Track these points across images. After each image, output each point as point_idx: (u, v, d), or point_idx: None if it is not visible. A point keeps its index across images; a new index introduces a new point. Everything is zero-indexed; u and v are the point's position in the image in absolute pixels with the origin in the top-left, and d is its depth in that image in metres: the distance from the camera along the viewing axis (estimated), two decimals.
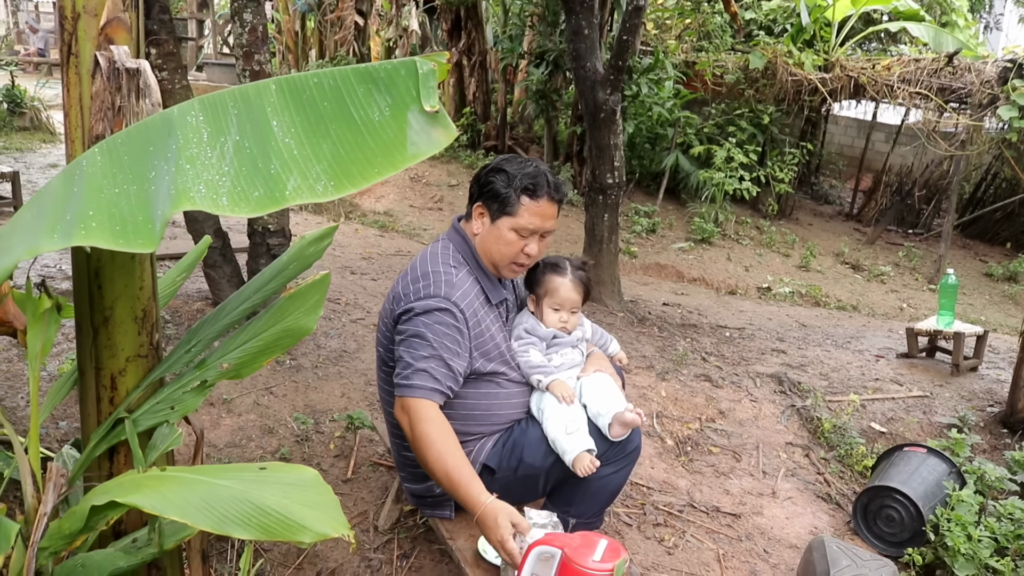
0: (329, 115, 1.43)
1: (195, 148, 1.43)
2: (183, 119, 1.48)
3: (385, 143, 1.39)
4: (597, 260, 6.37)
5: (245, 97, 1.48)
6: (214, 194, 1.37)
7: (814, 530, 3.61)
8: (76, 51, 1.76)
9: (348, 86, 1.45)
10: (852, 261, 10.87)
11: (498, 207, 2.47)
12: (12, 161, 9.22)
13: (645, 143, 11.83)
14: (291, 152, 1.39)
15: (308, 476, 1.58)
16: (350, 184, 1.37)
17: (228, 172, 1.39)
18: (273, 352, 2.00)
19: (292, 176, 1.37)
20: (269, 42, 5.90)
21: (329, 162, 1.38)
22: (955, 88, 10.14)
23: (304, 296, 2.07)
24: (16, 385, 3.68)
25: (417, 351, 2.37)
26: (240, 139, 1.43)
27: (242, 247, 4.94)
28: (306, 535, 1.43)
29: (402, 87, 1.42)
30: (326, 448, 3.58)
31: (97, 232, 1.35)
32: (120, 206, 1.39)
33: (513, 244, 2.49)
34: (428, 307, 2.40)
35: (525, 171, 2.46)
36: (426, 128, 1.39)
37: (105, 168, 1.46)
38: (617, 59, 5.85)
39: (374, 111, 1.42)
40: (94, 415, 1.96)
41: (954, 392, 5.00)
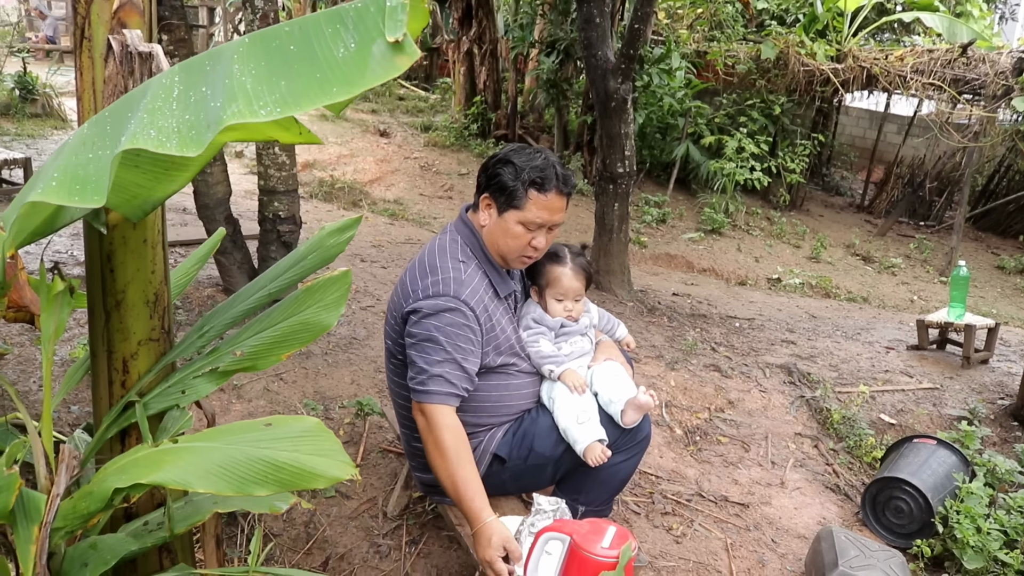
0: (294, 57, 1.40)
1: (161, 102, 1.40)
2: (160, 81, 1.47)
3: (344, 73, 1.36)
4: (607, 249, 6.36)
5: (219, 52, 1.46)
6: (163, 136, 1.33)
7: (822, 520, 3.61)
8: (89, 35, 1.76)
9: (316, 28, 1.42)
10: (863, 253, 10.83)
11: (505, 200, 2.43)
12: (24, 147, 9.27)
13: (656, 133, 11.80)
14: (244, 88, 1.35)
15: (311, 424, 1.63)
16: (296, 105, 1.33)
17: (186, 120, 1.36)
18: (291, 345, 1.99)
19: (235, 103, 1.33)
20: None
21: (282, 94, 1.35)
22: (969, 79, 10.08)
23: (323, 290, 2.05)
24: (29, 370, 3.71)
25: (431, 355, 2.36)
26: (205, 89, 1.41)
27: (252, 234, 4.95)
28: (319, 482, 1.50)
29: (370, 23, 1.39)
30: (336, 434, 3.58)
31: (54, 191, 1.35)
32: (88, 169, 1.38)
33: (520, 237, 2.45)
34: (438, 307, 2.38)
35: (533, 163, 2.41)
36: (387, 54, 1.35)
37: (86, 138, 1.45)
38: (628, 48, 5.82)
39: (339, 48, 1.38)
40: (106, 398, 1.97)
41: (964, 384, 4.98)
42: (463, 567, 2.88)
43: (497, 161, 2.47)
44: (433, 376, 2.35)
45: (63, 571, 1.71)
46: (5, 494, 1.41)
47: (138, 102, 1.45)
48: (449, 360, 2.36)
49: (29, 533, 1.48)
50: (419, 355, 2.38)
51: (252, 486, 1.49)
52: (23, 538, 1.47)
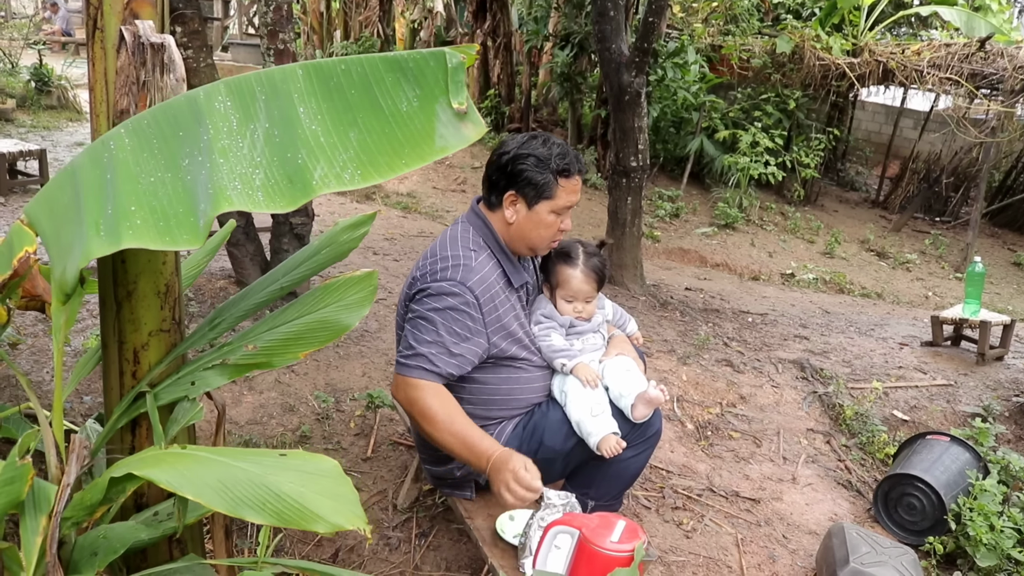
0: (356, 103, 1.41)
1: (226, 139, 1.42)
2: (211, 104, 1.47)
3: (412, 134, 1.37)
4: (620, 243, 6.34)
5: (272, 82, 1.47)
6: (249, 190, 1.37)
7: (834, 517, 3.60)
8: (102, 25, 1.77)
9: (376, 74, 1.44)
10: (877, 248, 10.77)
11: (536, 193, 2.44)
12: (39, 139, 9.32)
13: (670, 127, 11.76)
14: (318, 140, 1.38)
15: (328, 466, 1.57)
16: (376, 174, 1.36)
17: (260, 163, 1.39)
18: (310, 344, 1.98)
19: (319, 165, 1.36)
20: (294, 22, 5.90)
21: (356, 151, 1.37)
22: (987, 74, 9.99)
23: (343, 289, 2.04)
24: (41, 360, 3.73)
25: (421, 334, 2.37)
26: (269, 127, 1.42)
27: (265, 227, 4.96)
28: (320, 525, 1.42)
29: (431, 78, 1.40)
30: (346, 427, 3.60)
31: (143, 230, 1.36)
32: (159, 197, 1.40)
33: (552, 225, 2.49)
34: (440, 290, 2.39)
35: (554, 152, 2.44)
36: (455, 123, 1.37)
37: (136, 152, 1.46)
38: (643, 41, 5.80)
39: (402, 101, 1.40)
40: (117, 388, 1.98)
41: (979, 381, 4.95)
42: (473, 560, 2.89)
43: (515, 157, 2.45)
44: (417, 354, 2.36)
45: (73, 560, 1.72)
46: (17, 484, 1.41)
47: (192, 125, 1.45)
48: (437, 343, 2.36)
49: (37, 524, 1.48)
50: (411, 331, 2.40)
51: (246, 509, 1.44)
52: (30, 529, 1.47)
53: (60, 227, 1.51)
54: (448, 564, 2.89)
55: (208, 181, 1.38)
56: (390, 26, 14.59)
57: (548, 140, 2.49)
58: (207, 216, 1.36)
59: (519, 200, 2.47)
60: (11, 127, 9.73)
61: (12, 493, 1.40)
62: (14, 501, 1.42)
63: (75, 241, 1.43)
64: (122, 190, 1.40)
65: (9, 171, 6.98)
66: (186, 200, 1.39)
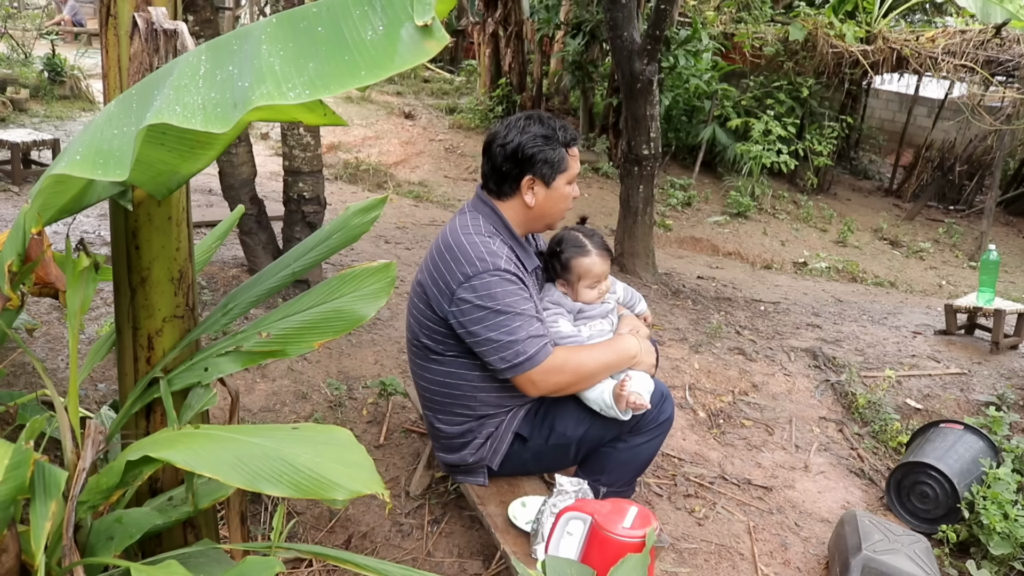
0: (322, 39, 1.39)
1: (187, 79, 1.41)
2: (186, 59, 1.47)
3: (372, 57, 1.35)
4: (631, 232, 6.33)
5: (247, 32, 1.46)
6: (188, 112, 1.34)
7: (846, 505, 3.59)
8: (115, 12, 1.77)
9: (345, 10, 1.42)
10: (891, 237, 10.71)
11: (551, 171, 2.48)
12: (53, 128, 9.36)
13: (682, 115, 11.72)
14: (272, 69, 1.35)
15: (341, 436, 1.57)
16: (325, 88, 1.33)
17: (212, 97, 1.37)
18: (325, 333, 1.98)
19: (264, 85, 1.34)
20: None
21: (310, 76, 1.35)
22: (1002, 61, 9.89)
23: (359, 279, 2.03)
24: (56, 348, 3.75)
25: (508, 326, 2.36)
26: (233, 69, 1.41)
27: (277, 215, 4.97)
28: (339, 492, 1.43)
29: (398, 6, 1.38)
30: (359, 414, 3.61)
31: (78, 164, 1.35)
32: (112, 144, 1.39)
33: (569, 196, 2.56)
34: (487, 286, 2.36)
35: (555, 125, 2.50)
36: (416, 38, 1.34)
37: (113, 115, 1.46)
38: (654, 29, 5.77)
39: (367, 31, 1.38)
40: (131, 374, 1.99)
41: (993, 370, 4.92)
42: (485, 546, 2.90)
43: (522, 143, 2.45)
44: (519, 341, 2.36)
45: (89, 544, 1.74)
46: (21, 469, 1.42)
47: (164, 80, 1.45)
48: (524, 322, 2.37)
49: (46, 509, 1.48)
50: (494, 332, 2.37)
51: (265, 483, 1.44)
52: (39, 514, 1.48)
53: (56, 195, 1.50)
54: (460, 551, 2.90)
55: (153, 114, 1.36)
56: None
57: (540, 117, 2.53)
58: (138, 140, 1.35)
59: (536, 182, 2.48)
60: (25, 117, 9.78)
61: (20, 477, 1.41)
62: (22, 485, 1.43)
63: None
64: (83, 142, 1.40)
65: (23, 160, 7.02)
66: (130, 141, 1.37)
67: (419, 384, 2.68)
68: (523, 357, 2.36)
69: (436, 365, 2.55)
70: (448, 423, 2.61)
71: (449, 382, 2.55)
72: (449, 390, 2.56)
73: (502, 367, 2.39)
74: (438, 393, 2.59)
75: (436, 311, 2.47)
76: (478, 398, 2.55)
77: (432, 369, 2.57)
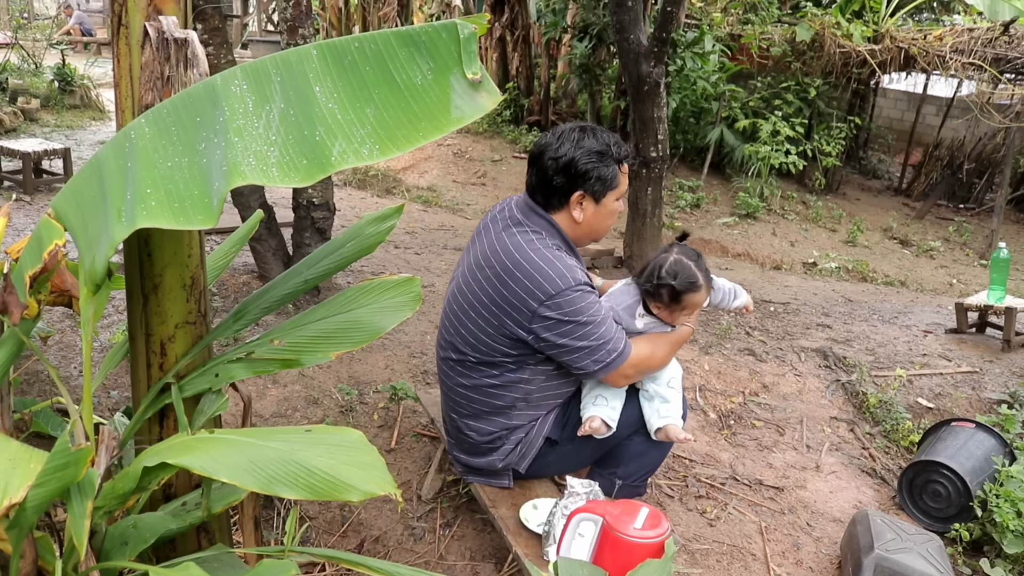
0: (371, 79, 1.43)
1: (241, 119, 1.45)
2: (227, 88, 1.50)
3: (429, 107, 1.38)
4: (640, 234, 6.33)
5: (287, 63, 1.49)
6: (264, 166, 1.38)
7: (858, 504, 3.59)
8: (126, 22, 1.79)
9: (389, 49, 1.45)
10: (900, 236, 10.68)
11: (603, 187, 2.45)
12: (63, 138, 9.42)
13: (689, 117, 11.71)
14: (335, 117, 1.39)
15: (353, 437, 1.59)
16: (394, 147, 1.37)
17: (276, 142, 1.41)
18: (342, 344, 1.97)
19: (337, 141, 1.37)
20: (313, 17, 5.91)
21: (373, 126, 1.38)
22: (1011, 58, 9.86)
23: (378, 291, 2.03)
24: (69, 355, 3.78)
25: (596, 332, 2.39)
26: (285, 107, 1.44)
27: (287, 221, 4.99)
28: (353, 494, 1.45)
29: (444, 50, 1.41)
30: (370, 419, 3.62)
31: (157, 211, 1.39)
32: (175, 181, 1.42)
33: (616, 211, 2.55)
34: (571, 302, 2.35)
35: (610, 141, 2.46)
36: (470, 92, 1.38)
37: (155, 140, 1.49)
38: (661, 31, 5.78)
39: (416, 75, 1.41)
40: (144, 380, 2.01)
41: (1005, 368, 4.91)
42: (497, 549, 2.90)
43: (575, 158, 2.41)
44: (611, 341, 2.42)
45: (105, 549, 1.75)
46: (73, 468, 1.44)
47: (209, 109, 1.47)
48: (606, 328, 2.42)
49: (83, 508, 1.50)
50: (583, 341, 2.39)
51: (280, 486, 1.47)
52: (77, 513, 1.50)
53: (87, 219, 1.54)
54: (472, 554, 2.91)
55: (223, 160, 1.40)
56: (408, 20, 14.60)
57: (594, 131, 2.48)
58: (220, 193, 1.38)
59: (586, 198, 2.45)
60: (36, 127, 9.85)
61: (65, 478, 1.43)
62: (65, 487, 1.45)
63: (102, 231, 1.45)
64: (140, 176, 1.43)
65: (35, 170, 7.07)
66: (201, 182, 1.41)
67: (454, 391, 2.63)
68: (614, 355, 2.42)
69: (483, 377, 2.53)
70: (479, 431, 2.61)
71: (493, 392, 2.54)
72: (490, 399, 2.56)
73: (594, 369, 2.43)
74: (476, 401, 2.58)
75: (507, 330, 2.43)
76: (518, 407, 2.57)
77: (476, 380, 2.55)
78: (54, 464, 1.40)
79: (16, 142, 7.38)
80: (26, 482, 1.37)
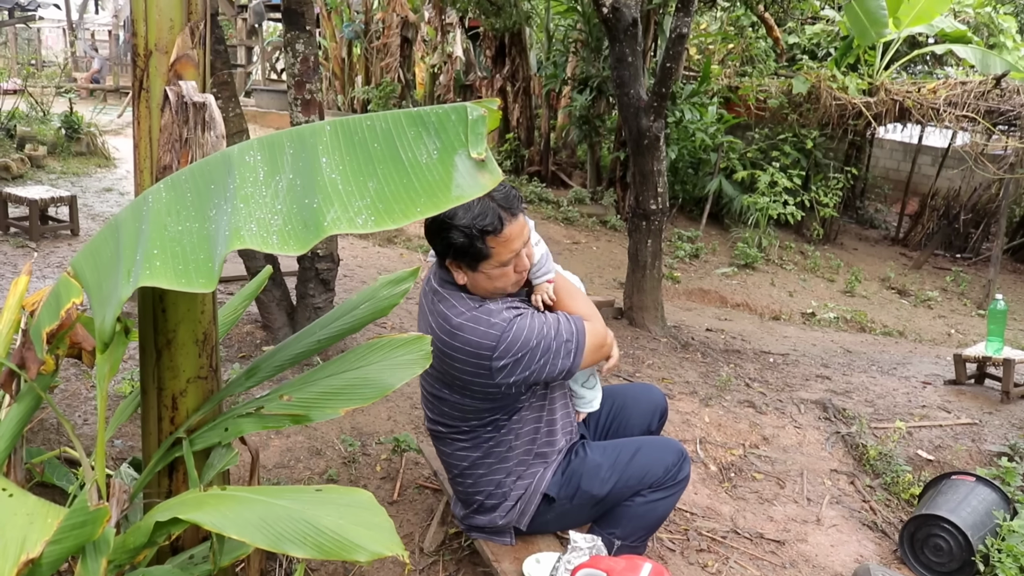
0: (378, 156, 1.47)
1: (251, 187, 1.49)
2: (242, 158, 1.55)
3: (430, 184, 1.42)
4: (640, 285, 6.39)
5: (300, 137, 1.54)
6: (264, 232, 1.42)
7: (860, 558, 3.58)
8: (147, 86, 1.85)
9: (399, 128, 1.50)
10: (898, 286, 10.74)
11: (472, 259, 2.31)
12: (69, 185, 9.51)
13: (688, 168, 11.85)
14: (335, 187, 1.43)
15: (363, 498, 1.62)
16: (390, 220, 1.40)
17: (280, 211, 1.45)
18: (351, 400, 1.98)
19: (332, 208, 1.41)
20: (320, 72, 6.02)
21: (372, 198, 1.41)
22: (1003, 111, 10.03)
23: (387, 349, 2.05)
24: (74, 404, 3.80)
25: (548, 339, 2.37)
26: (293, 177, 1.49)
27: (291, 271, 5.04)
28: (361, 554, 1.48)
29: (451, 132, 1.46)
30: (372, 470, 3.64)
31: (161, 271, 1.43)
32: (183, 244, 1.47)
33: (506, 274, 2.37)
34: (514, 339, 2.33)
35: (472, 214, 2.25)
36: (472, 172, 1.42)
37: (170, 205, 1.54)
38: (660, 86, 5.89)
39: (422, 154, 1.46)
40: (155, 434, 2.04)
41: (1004, 420, 4.92)
42: None
43: (438, 228, 2.32)
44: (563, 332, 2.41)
45: None
46: (91, 526, 1.46)
47: (222, 177, 1.52)
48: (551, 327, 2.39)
49: (98, 565, 1.53)
50: (545, 356, 2.38)
51: (288, 544, 1.49)
52: (92, 570, 1.52)
53: (102, 278, 1.58)
54: None
55: (227, 225, 1.44)
56: (410, 71, 14.82)
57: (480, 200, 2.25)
58: (220, 257, 1.43)
59: (462, 266, 2.37)
60: (42, 174, 9.95)
61: (82, 536, 1.45)
62: (82, 544, 1.47)
63: (113, 291, 1.50)
64: (151, 237, 1.47)
65: (41, 217, 7.14)
66: (207, 246, 1.46)
67: (452, 456, 2.64)
68: (576, 335, 2.42)
69: (476, 441, 2.56)
70: (479, 491, 2.64)
71: (488, 450, 2.57)
72: (485, 459, 2.58)
73: (571, 362, 2.42)
74: (473, 463, 2.60)
75: (482, 393, 2.44)
76: (513, 464, 2.60)
77: (468, 444, 2.58)
78: (72, 522, 1.43)
79: (23, 189, 7.46)
80: (43, 537, 1.40)
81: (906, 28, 10.83)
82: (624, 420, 2.99)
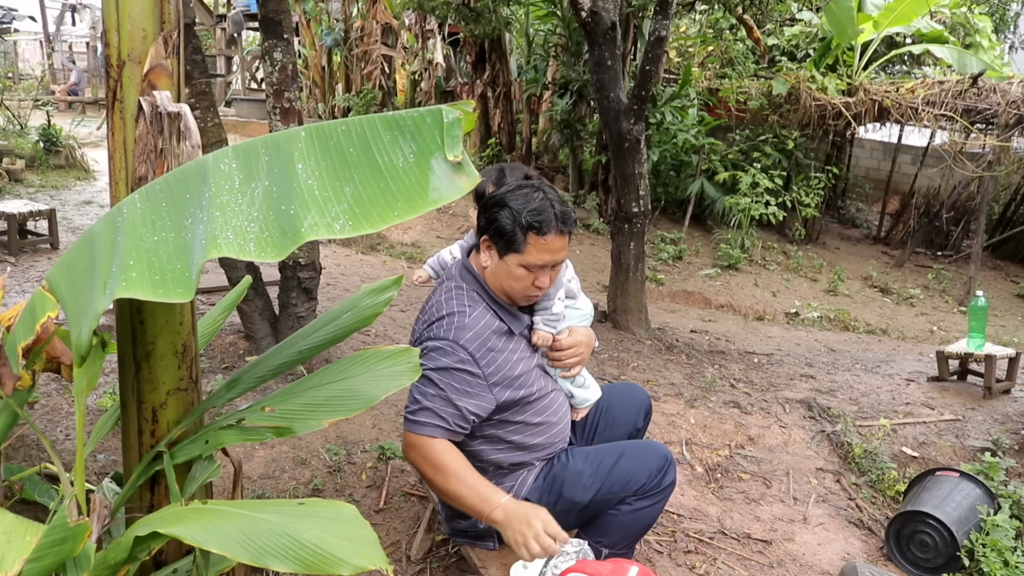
0: (354, 160, 1.47)
1: (226, 195, 1.48)
2: (217, 166, 1.54)
3: (407, 187, 1.42)
4: (623, 288, 6.39)
5: (276, 144, 1.53)
6: (241, 240, 1.41)
7: (846, 556, 3.60)
8: (121, 96, 1.84)
9: (375, 133, 1.49)
10: (880, 284, 10.81)
11: (505, 244, 2.37)
12: (48, 198, 9.45)
13: (670, 170, 11.88)
14: (312, 193, 1.43)
15: (346, 511, 1.60)
16: (368, 224, 1.39)
17: (256, 218, 1.44)
18: (335, 412, 1.96)
19: (309, 214, 1.40)
20: (299, 80, 5.99)
21: (349, 203, 1.41)
22: (981, 109, 10.12)
23: (372, 360, 2.04)
24: (55, 419, 3.76)
25: (425, 389, 2.36)
26: (268, 184, 1.48)
27: (273, 280, 5.02)
28: (344, 568, 1.46)
29: (427, 135, 1.46)
30: (358, 479, 3.62)
31: (137, 282, 1.42)
32: (159, 254, 1.45)
33: (523, 279, 2.41)
34: (433, 347, 2.38)
35: (530, 207, 2.33)
36: (449, 174, 1.42)
37: (145, 215, 1.52)
38: (640, 89, 5.90)
39: (399, 157, 1.45)
40: (136, 447, 2.02)
41: (987, 415, 4.95)
42: None
43: (494, 204, 2.40)
44: (423, 408, 2.34)
45: None
46: (71, 543, 1.45)
47: (198, 186, 1.51)
48: (440, 396, 2.35)
49: None
50: (416, 387, 2.38)
51: (271, 559, 1.48)
52: None
53: (77, 291, 1.56)
54: None
55: (204, 234, 1.43)
56: (391, 78, 14.80)
57: (535, 192, 2.39)
58: (198, 266, 1.42)
59: (493, 247, 2.43)
60: (20, 187, 9.88)
61: (62, 553, 1.44)
62: (62, 562, 1.45)
63: (89, 303, 1.48)
64: (127, 249, 1.46)
65: (20, 231, 7.09)
66: (183, 256, 1.44)
67: None
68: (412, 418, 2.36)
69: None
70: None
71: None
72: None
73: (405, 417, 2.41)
74: None
75: None
76: (493, 462, 2.59)
77: None
78: (51, 539, 1.41)
79: (1, 203, 7.40)
80: (22, 555, 1.38)
81: (884, 29, 10.92)
82: (611, 419, 2.99)
